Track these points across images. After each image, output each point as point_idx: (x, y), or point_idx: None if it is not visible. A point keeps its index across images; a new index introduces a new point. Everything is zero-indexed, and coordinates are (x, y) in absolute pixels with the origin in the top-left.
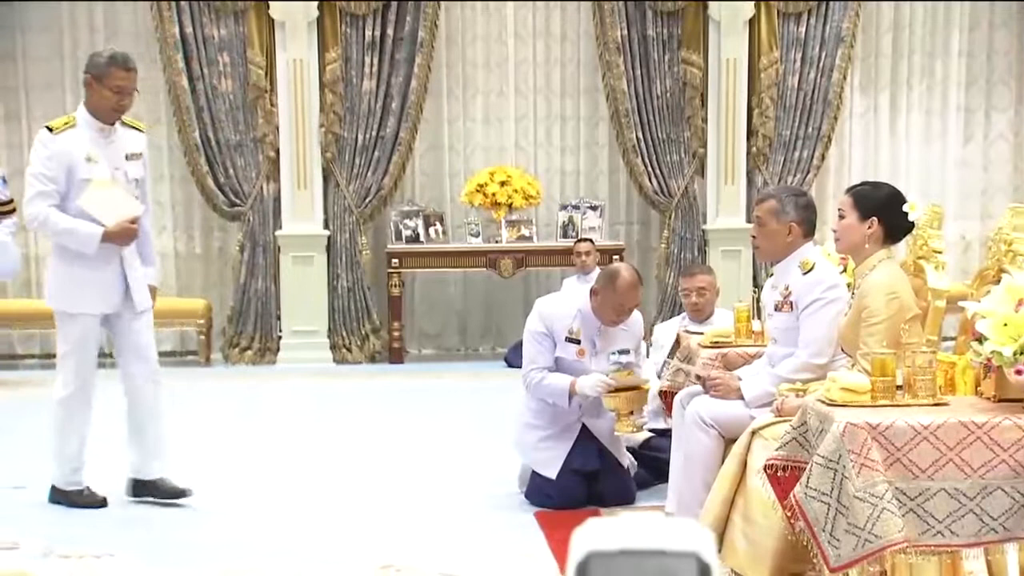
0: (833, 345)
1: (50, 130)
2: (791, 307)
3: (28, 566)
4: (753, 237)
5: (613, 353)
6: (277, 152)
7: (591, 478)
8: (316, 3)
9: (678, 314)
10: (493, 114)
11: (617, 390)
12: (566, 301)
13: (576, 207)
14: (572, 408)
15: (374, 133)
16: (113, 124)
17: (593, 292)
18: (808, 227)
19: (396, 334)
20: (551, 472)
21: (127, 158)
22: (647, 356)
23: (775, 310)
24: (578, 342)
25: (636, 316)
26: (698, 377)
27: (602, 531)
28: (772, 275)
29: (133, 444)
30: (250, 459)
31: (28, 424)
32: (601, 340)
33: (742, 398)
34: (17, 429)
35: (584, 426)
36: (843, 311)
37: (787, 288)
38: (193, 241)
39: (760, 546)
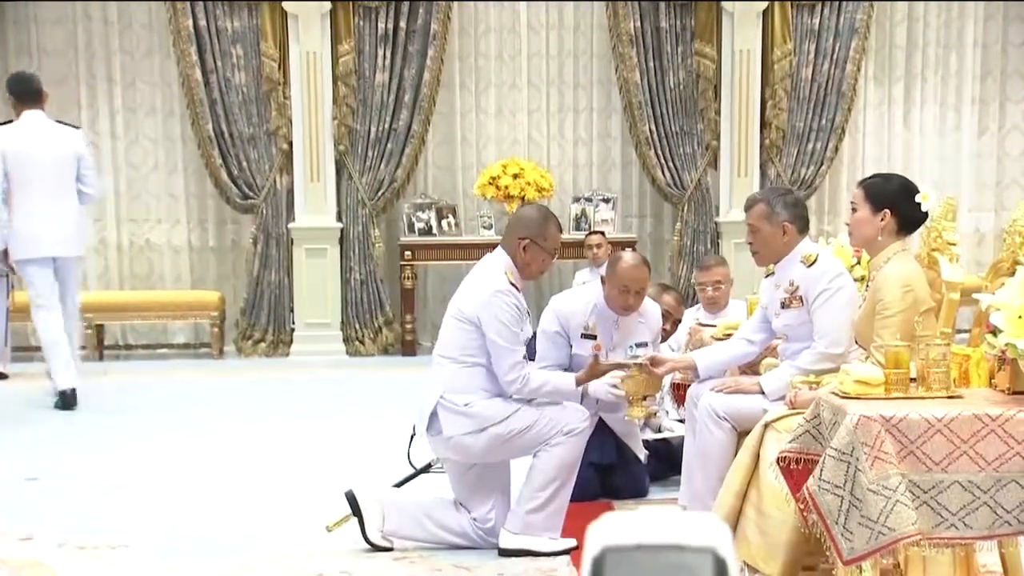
0: (848, 333)
1: None
2: (800, 301)
3: (43, 557)
4: (750, 243)
5: (630, 347)
6: (290, 145)
7: (605, 471)
8: None
9: (691, 306)
10: (506, 106)
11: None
12: (580, 296)
13: (589, 200)
14: (588, 404)
15: (387, 126)
16: None
17: (602, 281)
18: (801, 224)
19: (409, 326)
20: None
21: None
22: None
23: (782, 307)
24: (594, 337)
25: (652, 307)
26: (640, 367)
27: (618, 526)
28: (772, 274)
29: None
30: (264, 451)
31: (43, 415)
32: (618, 333)
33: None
34: (32, 420)
35: (600, 419)
36: (854, 300)
37: (792, 284)
38: (206, 234)
39: (773, 539)
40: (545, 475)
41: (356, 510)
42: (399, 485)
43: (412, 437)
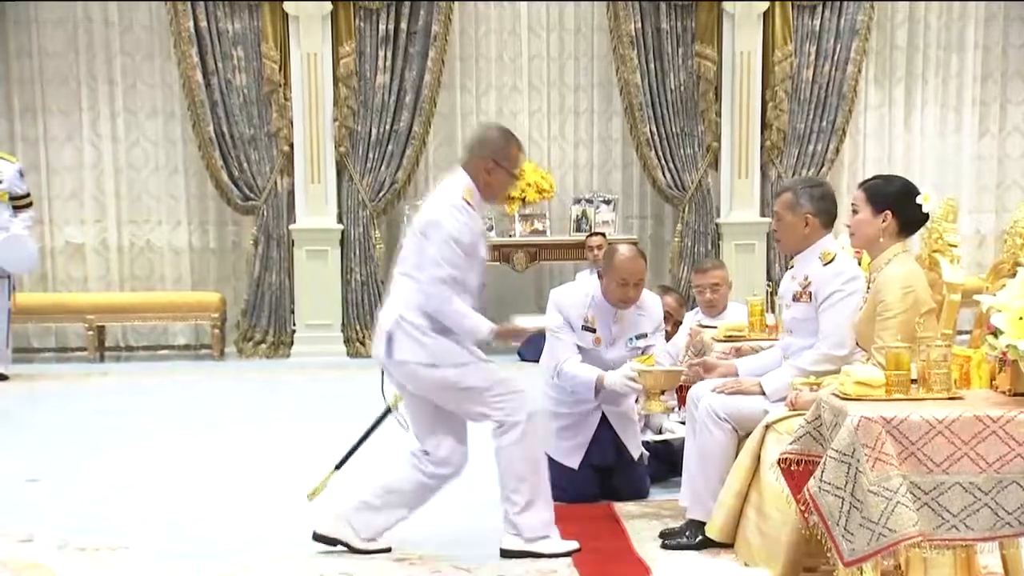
0: (853, 336)
1: None
2: (810, 298)
3: (43, 559)
4: (774, 231)
5: (631, 339)
6: (291, 146)
7: (605, 472)
8: None
9: (691, 308)
10: (507, 108)
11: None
12: (579, 289)
13: (589, 201)
14: (597, 399)
15: (388, 127)
16: None
17: (599, 276)
18: (825, 218)
19: None
20: (573, 462)
21: None
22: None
23: (793, 300)
24: (594, 330)
25: (652, 299)
26: (691, 366)
27: None
28: (792, 267)
29: None
30: (265, 453)
31: (43, 416)
32: (618, 326)
33: (760, 390)
34: (32, 422)
35: (603, 417)
36: (860, 304)
37: (807, 279)
38: (207, 235)
39: (774, 540)
40: (514, 475)
41: (332, 541)
42: (359, 443)
43: (383, 371)
